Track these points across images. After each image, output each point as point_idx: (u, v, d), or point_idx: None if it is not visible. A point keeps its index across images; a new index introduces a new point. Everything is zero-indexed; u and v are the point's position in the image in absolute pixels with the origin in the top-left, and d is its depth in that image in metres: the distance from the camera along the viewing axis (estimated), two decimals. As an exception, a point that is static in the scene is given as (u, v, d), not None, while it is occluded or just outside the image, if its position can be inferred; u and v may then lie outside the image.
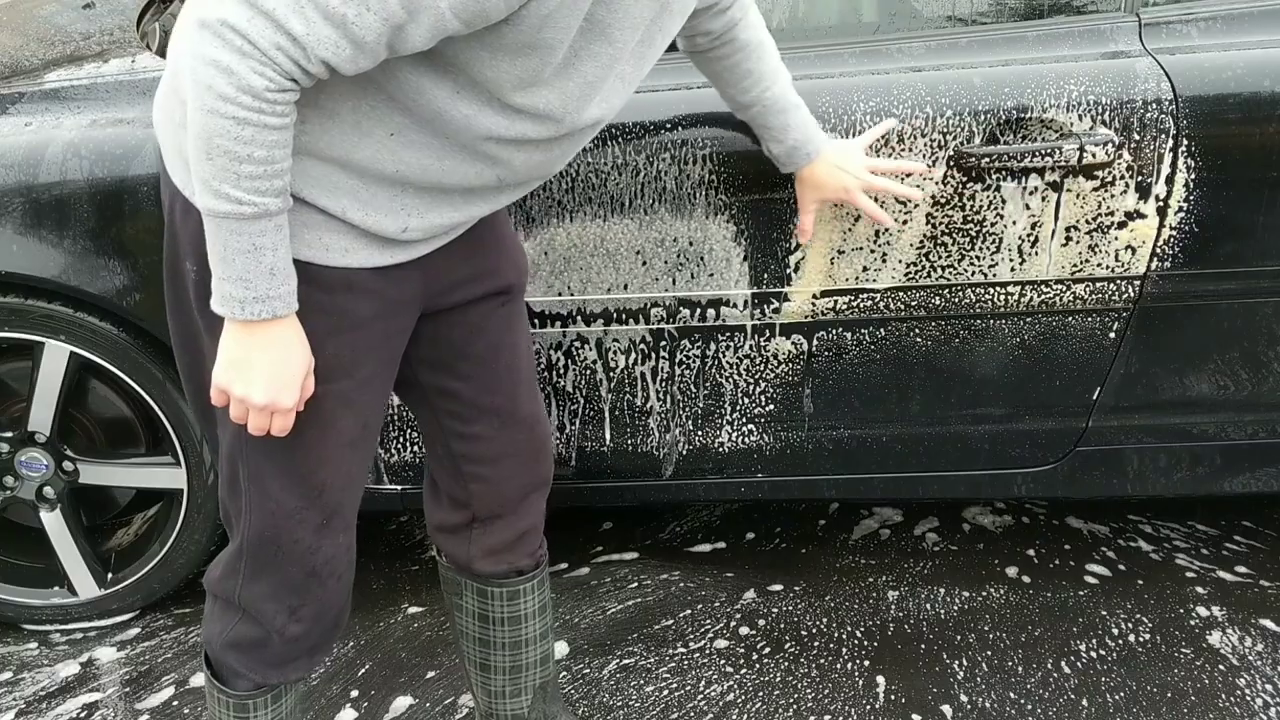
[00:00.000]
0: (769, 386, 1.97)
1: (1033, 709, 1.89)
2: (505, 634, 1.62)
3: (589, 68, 1.16)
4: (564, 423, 2.02)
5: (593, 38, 1.14)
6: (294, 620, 1.40)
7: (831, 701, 1.93)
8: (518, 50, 1.10)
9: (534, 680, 1.66)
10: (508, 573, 1.58)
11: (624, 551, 2.42)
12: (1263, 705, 1.87)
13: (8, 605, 2.16)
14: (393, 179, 1.20)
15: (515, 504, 1.54)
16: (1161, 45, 1.80)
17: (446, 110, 1.15)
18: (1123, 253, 1.83)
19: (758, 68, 1.56)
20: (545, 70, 1.13)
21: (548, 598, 1.64)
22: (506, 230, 1.49)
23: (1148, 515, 2.48)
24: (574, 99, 1.18)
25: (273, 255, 1.12)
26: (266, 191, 1.08)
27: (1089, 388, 1.96)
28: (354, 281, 1.25)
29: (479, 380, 1.46)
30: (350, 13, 1.01)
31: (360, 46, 1.04)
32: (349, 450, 1.33)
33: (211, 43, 1.02)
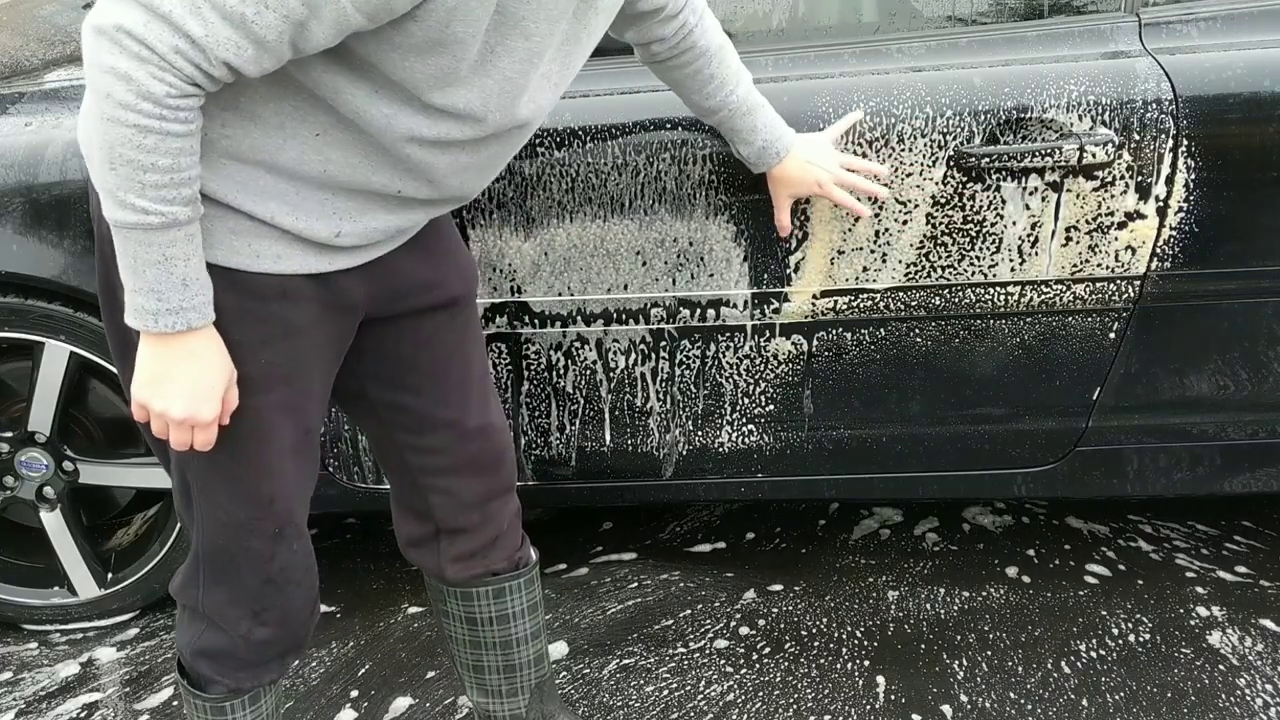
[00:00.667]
0: (769, 387, 1.97)
1: (1033, 709, 1.89)
2: (494, 634, 1.61)
3: (507, 64, 1.14)
4: (564, 423, 2.02)
5: (507, 32, 1.11)
6: (258, 625, 1.38)
7: (831, 701, 1.93)
8: (428, 47, 1.08)
9: (529, 680, 1.66)
10: (484, 574, 1.56)
11: (624, 551, 2.42)
12: (1263, 705, 1.87)
13: (8, 605, 2.16)
14: (321, 180, 1.18)
15: (477, 513, 1.52)
16: (1161, 45, 1.80)
17: (366, 110, 1.12)
18: (1123, 253, 1.83)
19: (720, 72, 1.55)
20: (460, 67, 1.11)
21: (538, 597, 1.63)
22: (453, 240, 1.46)
23: (1148, 515, 2.48)
24: (495, 97, 1.16)
25: (185, 266, 1.09)
26: (174, 200, 1.05)
27: (1089, 388, 1.96)
28: (289, 288, 1.22)
29: (430, 393, 1.43)
30: (249, 11, 0.99)
31: (262, 46, 1.01)
32: (293, 458, 1.30)
33: (108, 49, 0.99)
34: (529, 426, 2.02)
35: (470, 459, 1.49)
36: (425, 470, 1.49)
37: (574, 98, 1.81)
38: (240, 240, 1.18)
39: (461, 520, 1.52)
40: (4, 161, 1.83)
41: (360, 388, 1.44)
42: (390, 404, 1.44)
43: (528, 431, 2.03)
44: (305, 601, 1.41)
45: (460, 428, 1.46)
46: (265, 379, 1.23)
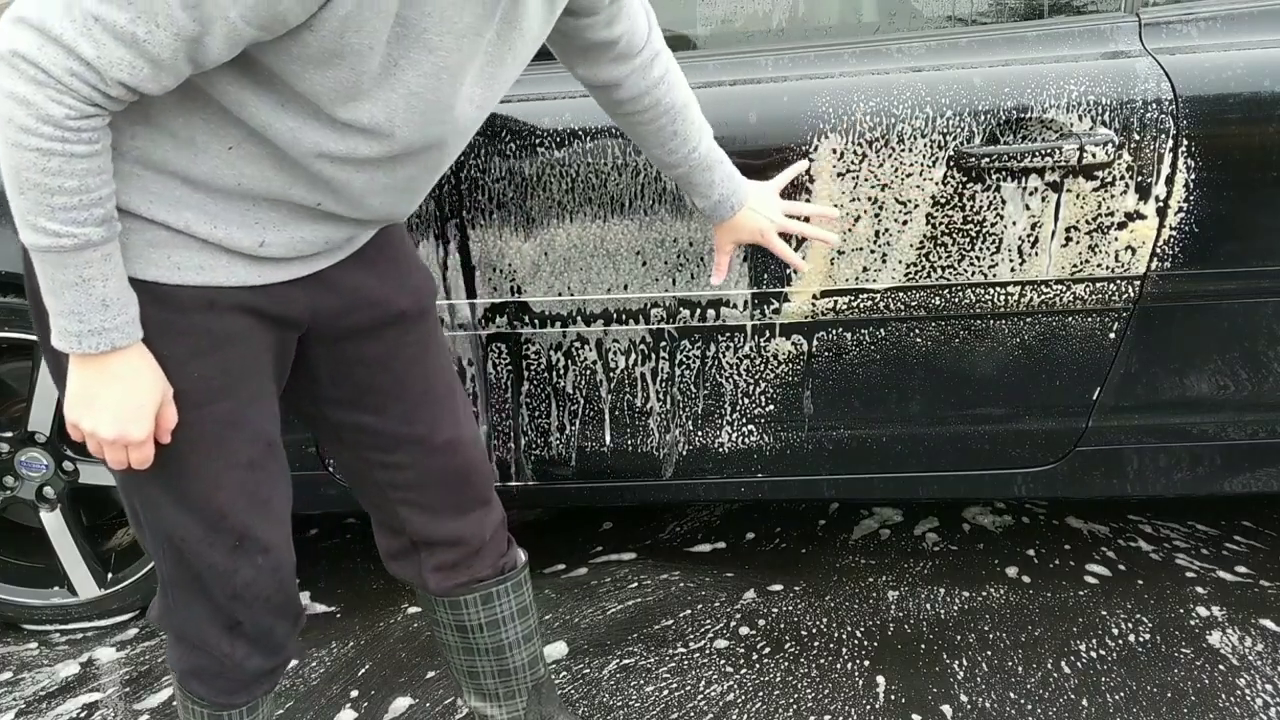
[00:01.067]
0: (769, 387, 1.97)
1: (1033, 709, 1.89)
2: (486, 639, 1.59)
3: (412, 78, 1.11)
4: (564, 423, 2.02)
5: (409, 45, 1.08)
6: (237, 641, 1.36)
7: (831, 701, 1.93)
8: (326, 59, 1.05)
9: (525, 682, 1.65)
10: (469, 583, 1.54)
11: (624, 551, 2.42)
12: (1263, 705, 1.87)
13: (8, 605, 2.16)
14: (238, 193, 1.15)
15: (453, 526, 1.50)
16: (1161, 45, 1.80)
17: (272, 124, 1.10)
18: (1123, 253, 1.83)
19: (684, 129, 1.52)
20: (362, 80, 1.08)
21: (528, 600, 1.61)
22: (401, 253, 1.41)
23: (1148, 515, 2.48)
24: (401, 112, 1.12)
25: (103, 286, 1.07)
26: (85, 222, 1.04)
27: (1089, 388, 1.96)
28: (216, 300, 1.19)
29: (390, 411, 1.41)
30: (140, 31, 0.97)
31: (158, 64, 1.00)
32: (248, 471, 1.26)
33: (5, 74, 0.98)
34: (529, 426, 2.03)
35: (439, 474, 1.46)
36: (394, 486, 1.46)
37: (574, 98, 1.82)
38: (158, 252, 1.15)
39: (438, 534, 1.50)
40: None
41: (319, 411, 1.41)
42: (352, 425, 1.41)
43: (528, 431, 2.03)
44: (282, 615, 1.37)
45: (425, 444, 1.43)
46: (200, 392, 1.20)
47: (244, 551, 1.30)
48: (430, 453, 1.44)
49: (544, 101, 1.82)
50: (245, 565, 1.31)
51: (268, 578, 1.33)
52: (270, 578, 1.33)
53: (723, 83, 1.81)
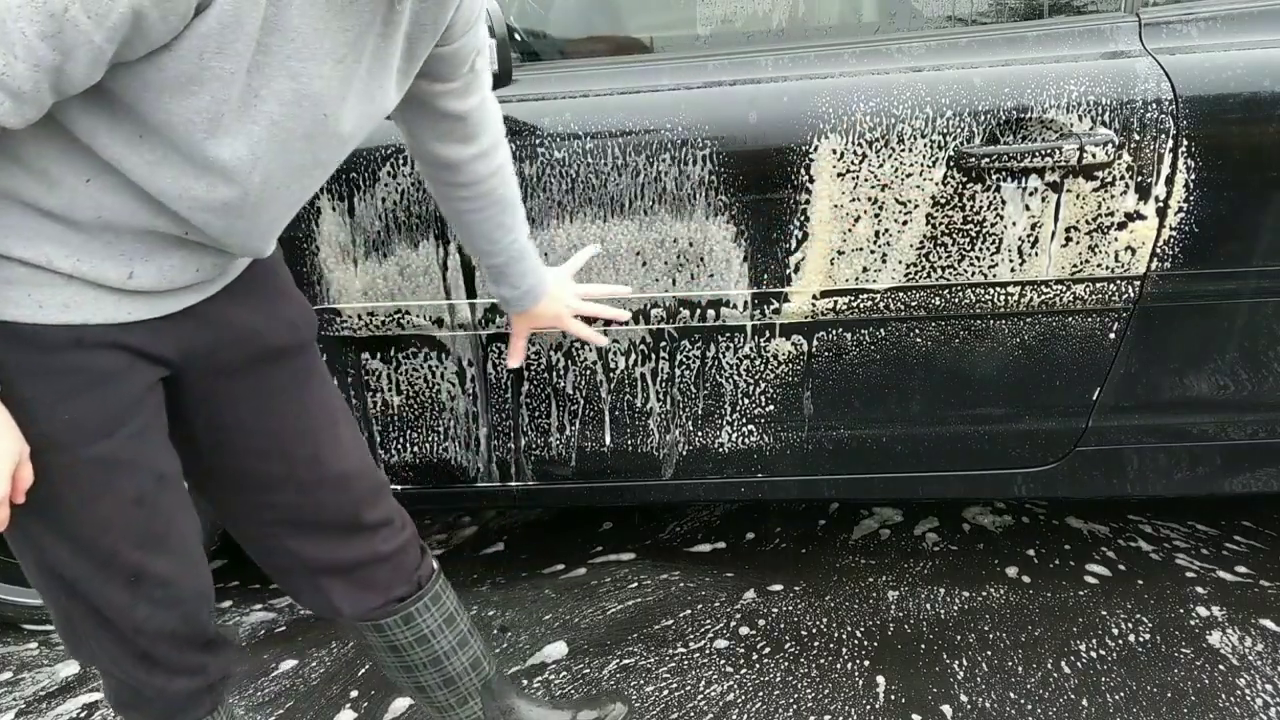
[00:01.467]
0: (769, 387, 1.97)
1: (1033, 709, 1.89)
2: (420, 655, 1.57)
3: (273, 107, 1.06)
4: (564, 423, 2.02)
5: (271, 72, 1.04)
6: (154, 670, 1.32)
7: (831, 701, 1.93)
8: (184, 85, 1.01)
9: (473, 685, 1.64)
10: (385, 604, 1.51)
11: (624, 551, 2.42)
12: (1263, 705, 1.87)
13: (8, 605, 2.16)
14: (99, 225, 1.09)
15: (350, 555, 1.46)
16: (1161, 45, 1.80)
17: (127, 158, 1.05)
18: (1123, 253, 1.83)
19: (510, 221, 1.51)
20: (223, 110, 1.03)
21: (452, 608, 1.59)
22: (274, 287, 1.36)
23: (1148, 515, 2.48)
24: (263, 144, 1.08)
25: None
26: None
27: (1089, 388, 1.96)
28: (84, 338, 1.12)
29: (271, 452, 1.36)
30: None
31: (19, 98, 0.95)
32: (137, 508, 1.21)
33: None
34: (529, 426, 2.03)
35: (329, 509, 1.42)
36: (280, 523, 1.41)
37: (574, 98, 1.82)
38: (18, 290, 1.08)
39: (335, 561, 1.45)
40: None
41: (199, 458, 1.36)
42: (230, 468, 1.37)
43: (527, 432, 2.03)
44: (189, 645, 1.34)
45: (311, 479, 1.39)
46: (73, 434, 1.14)
47: (140, 586, 1.26)
48: (316, 488, 1.39)
49: (544, 101, 1.82)
50: (142, 601, 1.27)
51: (167, 612, 1.29)
52: (171, 611, 1.29)
53: (723, 83, 1.81)
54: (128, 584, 1.25)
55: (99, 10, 0.93)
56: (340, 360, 1.97)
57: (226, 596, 2.36)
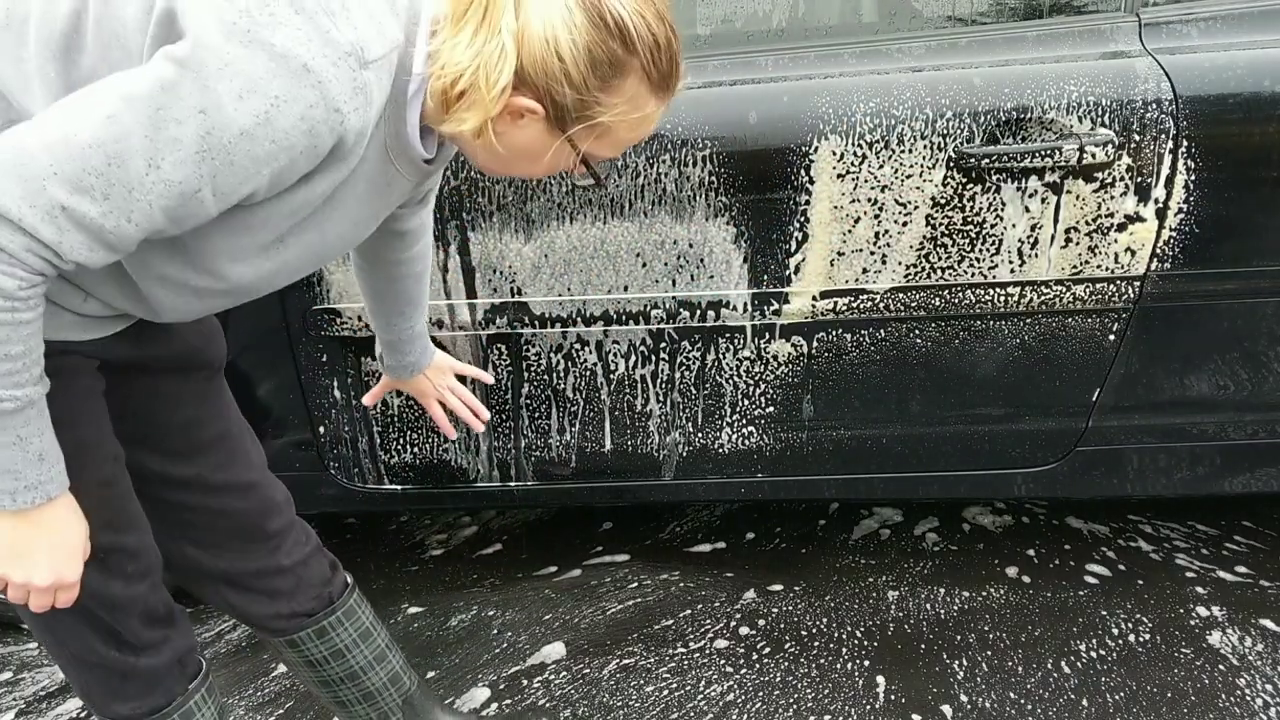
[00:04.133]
0: (769, 387, 1.97)
1: (1033, 709, 1.89)
2: (336, 669, 1.59)
3: (293, 254, 1.15)
4: (564, 423, 2.02)
5: (305, 227, 1.13)
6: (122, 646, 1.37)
7: (831, 701, 1.93)
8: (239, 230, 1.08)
9: (394, 700, 1.65)
10: (291, 616, 1.54)
11: (624, 552, 2.42)
12: (1263, 705, 1.87)
13: (8, 605, 2.16)
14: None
15: (250, 566, 1.49)
16: (1161, 45, 1.80)
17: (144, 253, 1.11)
18: (1123, 253, 1.83)
19: (418, 295, 1.57)
20: (249, 249, 1.11)
21: (367, 623, 1.61)
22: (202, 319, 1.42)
23: (1148, 515, 2.48)
24: (266, 276, 1.16)
25: (39, 441, 1.07)
26: (26, 383, 1.04)
27: (1089, 388, 1.96)
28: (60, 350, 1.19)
29: (181, 452, 1.41)
30: (109, 224, 0.98)
31: (114, 249, 1.01)
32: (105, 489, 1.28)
33: None
34: (529, 427, 2.02)
35: (231, 514, 1.46)
36: (186, 524, 1.45)
37: (574, 98, 1.81)
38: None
39: (237, 572, 1.50)
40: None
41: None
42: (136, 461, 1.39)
43: (527, 433, 2.03)
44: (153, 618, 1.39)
45: (216, 483, 1.43)
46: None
47: (113, 564, 1.31)
48: (217, 492, 1.44)
49: (544, 102, 1.82)
50: (116, 578, 1.32)
51: (139, 584, 1.35)
52: (141, 583, 1.35)
53: (723, 83, 1.81)
54: (99, 565, 1.29)
55: (226, 192, 0.99)
56: (340, 361, 1.97)
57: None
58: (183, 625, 1.45)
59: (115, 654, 1.37)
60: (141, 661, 1.39)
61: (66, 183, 0.95)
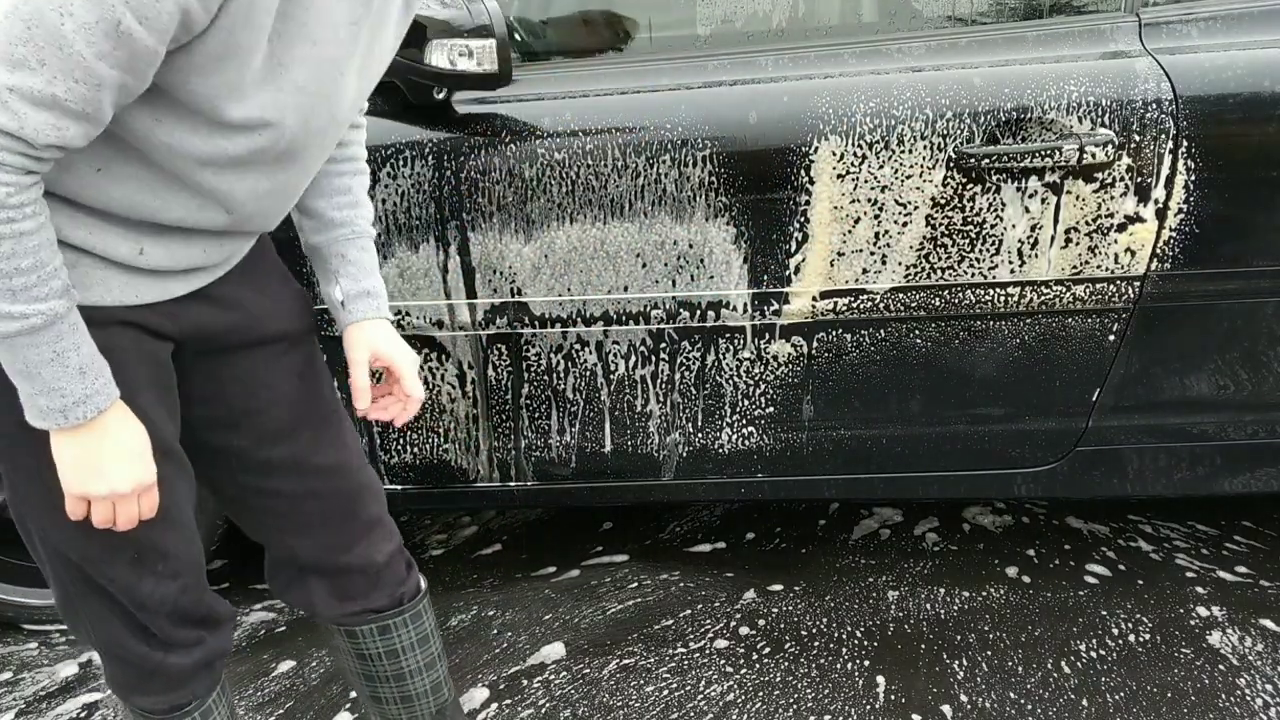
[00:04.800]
0: (769, 388, 1.97)
1: (1033, 709, 1.89)
2: (386, 668, 1.56)
3: (298, 73, 1.10)
4: (564, 424, 2.02)
5: (291, 39, 1.08)
6: (153, 643, 1.34)
7: (831, 701, 1.93)
8: (211, 64, 1.04)
9: (429, 708, 1.63)
10: (362, 613, 1.50)
11: (624, 552, 2.42)
12: (1263, 705, 1.87)
13: (8, 605, 2.16)
14: (104, 212, 1.12)
15: (339, 552, 1.45)
16: (1161, 45, 1.80)
17: (152, 134, 1.08)
18: (1123, 254, 1.83)
19: (357, 187, 1.42)
20: (245, 80, 1.06)
21: (428, 629, 1.58)
22: (276, 274, 1.38)
23: (1148, 515, 2.48)
24: (290, 110, 1.11)
25: (77, 355, 1.07)
26: (47, 296, 1.04)
27: (1089, 388, 1.96)
28: (93, 317, 1.14)
29: (268, 435, 1.36)
30: (59, 91, 0.95)
31: (83, 118, 0.99)
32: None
33: None
34: (529, 428, 2.02)
35: (322, 499, 1.41)
36: (275, 513, 1.42)
37: (574, 98, 1.81)
38: None
39: (327, 563, 1.46)
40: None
41: (195, 436, 1.36)
42: (226, 448, 1.37)
43: (528, 433, 2.03)
44: (187, 620, 1.36)
45: (306, 467, 1.39)
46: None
47: (144, 562, 1.28)
48: (309, 476, 1.40)
49: (543, 102, 1.82)
50: (147, 576, 1.29)
51: (169, 585, 1.31)
52: (172, 584, 1.32)
53: (723, 83, 1.81)
54: (132, 561, 1.27)
55: (148, 15, 0.95)
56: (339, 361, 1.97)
57: (226, 596, 2.36)
58: (223, 630, 1.41)
59: (144, 649, 1.35)
60: (170, 659, 1.36)
61: (3, 62, 0.93)
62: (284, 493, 1.40)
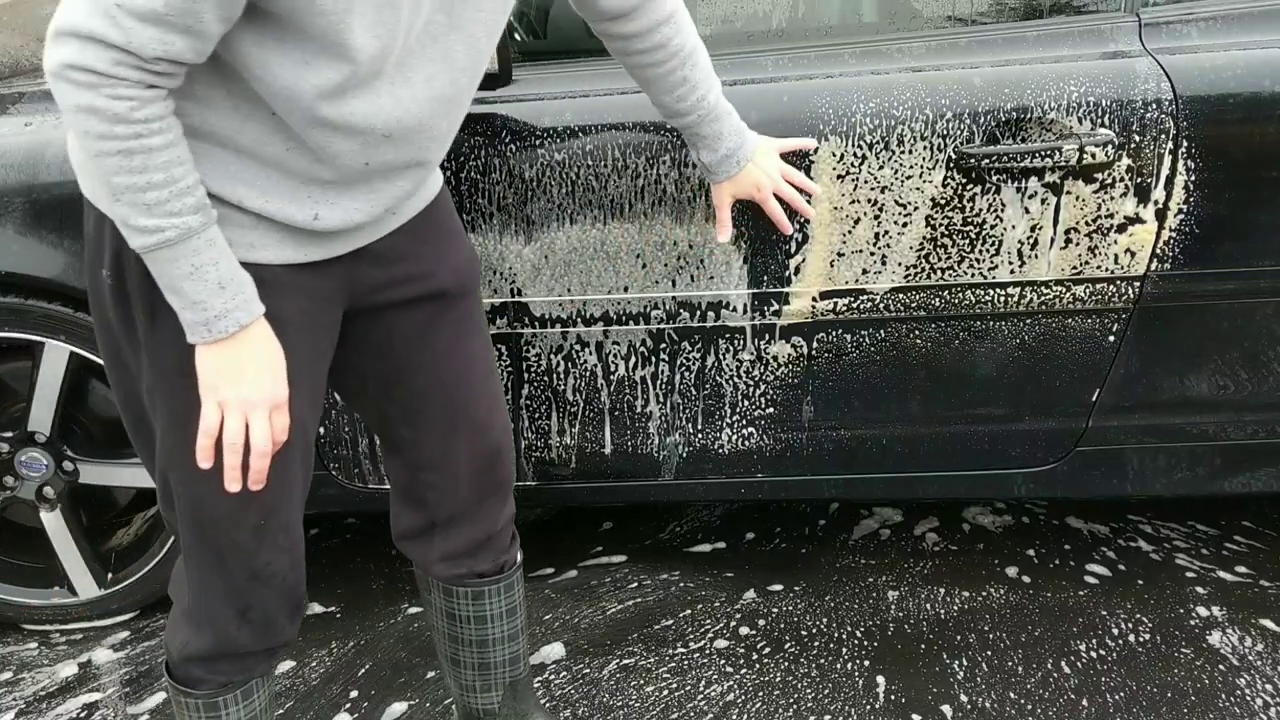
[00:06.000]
0: (769, 388, 1.97)
1: (1033, 709, 1.89)
2: (472, 632, 1.62)
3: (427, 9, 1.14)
4: (564, 424, 2.02)
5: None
6: (244, 624, 1.39)
7: (831, 701, 1.93)
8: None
9: (504, 678, 1.67)
10: (467, 575, 1.57)
11: (623, 552, 2.42)
12: (1263, 705, 1.87)
13: (8, 605, 2.16)
14: (283, 162, 1.18)
15: (472, 509, 1.53)
16: (1161, 45, 1.80)
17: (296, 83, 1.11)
18: (1123, 254, 1.83)
19: (694, 75, 1.52)
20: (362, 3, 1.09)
21: (517, 600, 1.63)
22: (447, 230, 1.44)
23: (1148, 515, 2.48)
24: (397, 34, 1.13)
25: (215, 270, 1.12)
26: (181, 211, 1.08)
27: (1089, 388, 1.96)
28: (266, 278, 1.21)
29: (428, 388, 1.43)
30: (159, 6, 1.00)
31: (188, 32, 1.03)
32: (283, 449, 1.28)
33: (66, 91, 1.03)
34: (529, 428, 2.02)
35: (469, 455, 1.48)
36: (423, 465, 1.48)
37: (574, 98, 1.81)
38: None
39: (456, 516, 1.53)
40: (4, 161, 1.83)
41: (360, 385, 1.44)
42: (390, 399, 1.44)
43: (527, 434, 2.03)
44: (290, 599, 1.41)
45: (460, 422, 1.46)
46: None
47: (267, 531, 1.33)
48: (462, 432, 1.46)
49: (543, 101, 1.82)
50: (267, 545, 1.34)
51: (285, 558, 1.37)
52: (287, 558, 1.37)
53: (723, 83, 1.81)
54: (256, 529, 1.32)
55: None
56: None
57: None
58: (296, 621, 1.46)
59: (232, 626, 1.38)
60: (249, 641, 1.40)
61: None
62: (436, 446, 1.46)
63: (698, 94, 1.53)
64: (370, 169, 1.22)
